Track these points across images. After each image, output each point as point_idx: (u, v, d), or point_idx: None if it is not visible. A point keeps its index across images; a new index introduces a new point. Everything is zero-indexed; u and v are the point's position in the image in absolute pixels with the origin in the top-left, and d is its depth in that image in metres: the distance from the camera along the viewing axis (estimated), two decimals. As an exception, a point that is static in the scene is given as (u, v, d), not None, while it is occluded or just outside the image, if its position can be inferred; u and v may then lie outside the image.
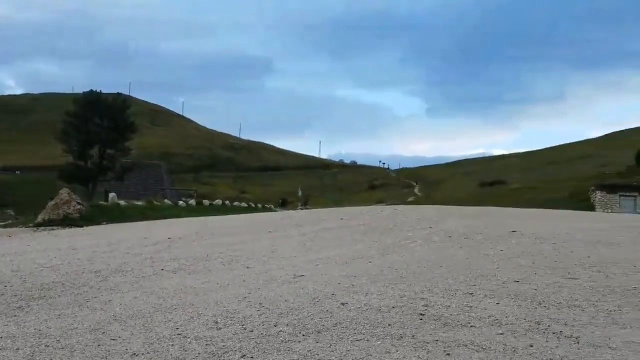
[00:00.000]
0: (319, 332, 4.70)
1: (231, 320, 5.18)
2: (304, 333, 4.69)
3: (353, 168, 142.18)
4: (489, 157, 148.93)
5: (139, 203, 28.61)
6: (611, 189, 48.79)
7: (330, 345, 4.36)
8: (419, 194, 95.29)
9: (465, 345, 4.19)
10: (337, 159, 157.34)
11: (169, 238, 12.38)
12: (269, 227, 14.05)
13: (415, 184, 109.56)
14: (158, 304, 6.09)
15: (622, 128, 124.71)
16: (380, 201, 69.35)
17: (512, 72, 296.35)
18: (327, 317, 5.13)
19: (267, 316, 5.26)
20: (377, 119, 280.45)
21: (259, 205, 41.45)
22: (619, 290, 6.03)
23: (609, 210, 43.55)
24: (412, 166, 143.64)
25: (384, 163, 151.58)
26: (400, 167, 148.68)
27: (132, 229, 16.32)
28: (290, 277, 7.31)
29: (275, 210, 36.44)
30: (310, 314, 5.26)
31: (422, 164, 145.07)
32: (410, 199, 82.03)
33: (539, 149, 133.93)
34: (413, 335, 4.48)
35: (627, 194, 47.80)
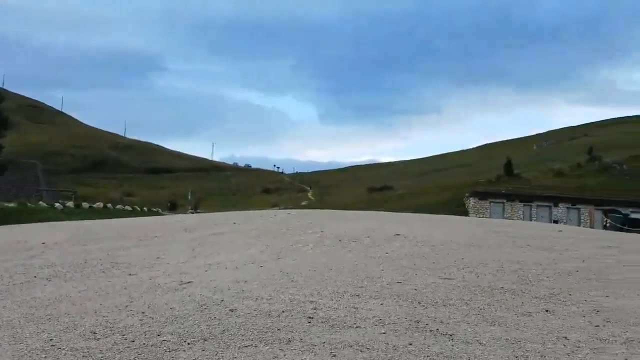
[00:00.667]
0: (205, 340, 4.59)
1: (111, 330, 4.88)
2: (189, 342, 4.54)
3: (247, 172, 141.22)
4: (379, 163, 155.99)
5: (12, 205, 26.06)
6: (483, 196, 53.33)
7: (217, 353, 4.27)
8: (312, 198, 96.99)
9: (351, 346, 4.32)
10: (230, 162, 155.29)
11: (43, 243, 11.41)
12: (155, 232, 13.47)
13: (309, 188, 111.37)
14: (30, 314, 5.58)
15: (495, 140, 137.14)
16: (274, 205, 69.54)
17: (402, 84, 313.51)
18: (215, 324, 5.02)
19: (150, 325, 5.02)
20: (271, 123, 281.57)
21: (145, 208, 39.60)
22: (488, 290, 6.59)
23: (481, 216, 47.52)
24: (307, 171, 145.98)
25: (278, 167, 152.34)
26: (295, 171, 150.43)
27: (2, 233, 14.82)
28: (176, 284, 7.06)
29: (163, 214, 35.06)
30: (196, 321, 5.11)
31: (316, 169, 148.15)
32: (304, 203, 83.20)
33: (423, 157, 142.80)
34: (301, 339, 4.53)
35: (497, 200, 52.53)
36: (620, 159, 71.58)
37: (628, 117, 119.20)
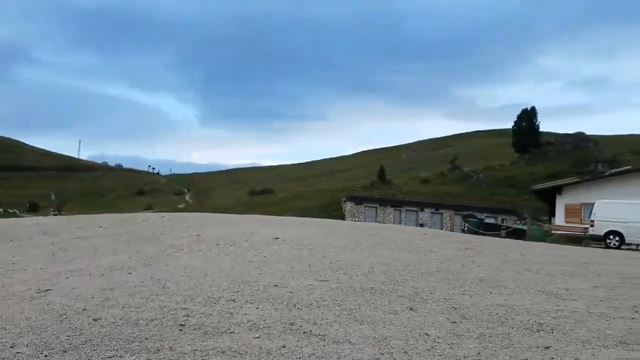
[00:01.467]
0: (65, 351, 4.22)
1: (-51, 348, 4.29)
2: (46, 353, 4.15)
3: (119, 172, 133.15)
4: (261, 167, 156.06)
5: None
6: (358, 200, 55.78)
7: (77, 366, 3.95)
8: (190, 201, 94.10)
9: (224, 352, 4.25)
10: (100, 161, 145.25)
11: None
12: (10, 235, 12.15)
13: (186, 191, 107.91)
14: None
15: (371, 148, 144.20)
16: (148, 208, 66.26)
17: (286, 90, 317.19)
18: (76, 334, 4.64)
19: (3, 336, 4.53)
20: (147, 122, 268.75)
21: (0, 210, 35.59)
22: (359, 291, 6.88)
23: (356, 219, 49.60)
24: (185, 173, 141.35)
25: (153, 168, 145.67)
26: (172, 173, 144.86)
27: None
28: (33, 291, 6.42)
29: (22, 216, 31.74)
30: (55, 332, 4.69)
31: (195, 171, 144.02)
32: (181, 206, 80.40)
33: (305, 162, 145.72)
34: (171, 347, 4.35)
35: (371, 205, 55.27)
36: (477, 169, 79.08)
37: (485, 130, 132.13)
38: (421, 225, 45.75)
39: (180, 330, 4.84)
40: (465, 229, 29.27)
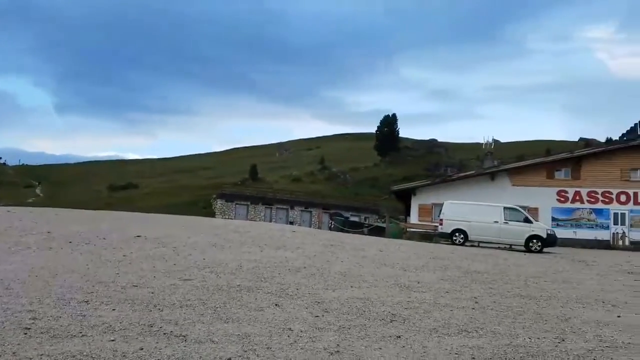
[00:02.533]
0: None
1: None
2: None
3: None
4: (123, 160, 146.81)
5: None
6: (229, 197, 55.11)
7: None
8: (41, 195, 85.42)
9: (74, 356, 3.94)
10: None
11: None
12: None
13: (37, 184, 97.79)
14: None
15: (240, 145, 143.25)
16: (-11, 201, 58.85)
17: (153, 82, 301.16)
18: None
19: None
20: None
21: None
22: (226, 288, 6.82)
23: (227, 217, 49.00)
24: (36, 164, 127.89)
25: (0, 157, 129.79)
26: (21, 163, 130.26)
27: None
28: None
29: None
30: None
31: (48, 162, 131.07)
32: (30, 200, 72.61)
33: (171, 156, 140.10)
34: (14, 352, 3.94)
35: (242, 202, 54.93)
36: (344, 169, 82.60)
37: (352, 133, 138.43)
38: (291, 223, 46.58)
39: (26, 334, 4.40)
40: (332, 226, 30.42)
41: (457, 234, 19.88)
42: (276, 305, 6.09)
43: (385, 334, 5.05)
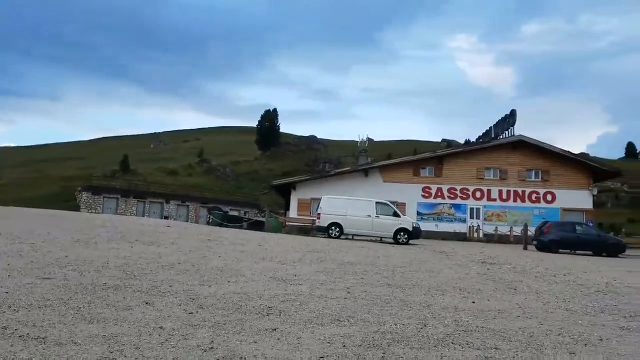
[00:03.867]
0: None
1: None
2: None
3: None
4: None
5: None
6: (96, 190, 51.44)
7: None
8: None
9: None
10: None
11: None
12: None
13: None
14: None
15: (112, 134, 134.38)
16: None
17: (7, 60, 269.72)
18: None
19: None
20: None
21: None
22: (90, 287, 6.37)
23: (94, 211, 45.70)
24: None
25: None
26: None
27: None
28: None
29: None
30: None
31: None
32: None
33: (31, 145, 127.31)
34: None
35: (111, 195, 51.59)
36: (224, 163, 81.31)
37: (232, 127, 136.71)
38: (166, 218, 44.77)
39: None
40: (210, 221, 29.79)
41: (333, 228, 20.58)
42: (146, 303, 5.83)
43: (261, 328, 5.07)
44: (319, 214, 21.35)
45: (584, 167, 30.46)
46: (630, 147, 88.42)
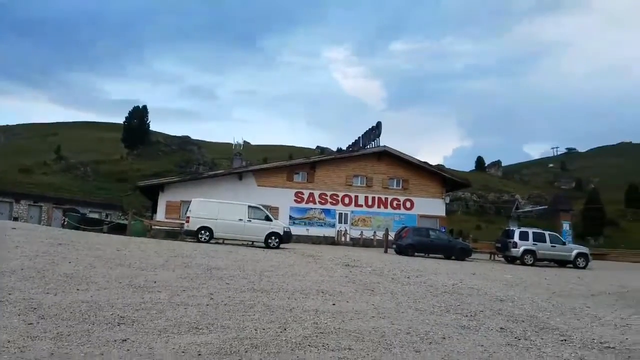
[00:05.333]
0: None
1: None
2: None
3: None
4: None
5: None
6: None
7: None
8: None
9: None
10: None
11: None
12: None
13: None
14: None
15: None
16: None
17: None
18: None
19: None
20: None
21: None
22: None
23: None
24: None
25: None
26: None
27: None
28: None
29: None
30: None
31: None
32: None
33: None
34: None
35: (5, 199, 45.37)
36: (85, 161, 75.38)
37: (95, 122, 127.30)
38: (15, 219, 40.24)
39: None
40: (66, 223, 27.35)
41: (202, 232, 20.05)
42: (-23, 315, 5.17)
43: (110, 338, 4.75)
44: (188, 217, 20.67)
45: (439, 177, 33.22)
46: (480, 160, 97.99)
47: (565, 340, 6.23)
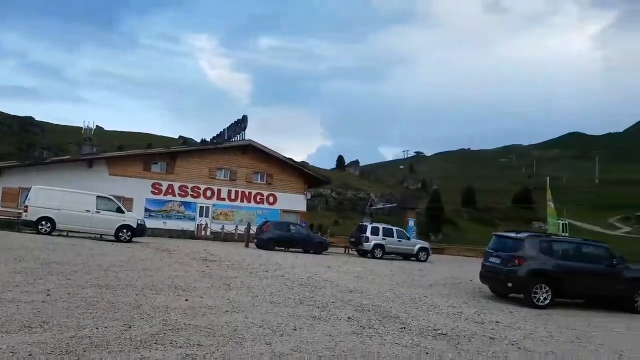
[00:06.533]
0: None
1: None
2: None
3: None
4: None
5: None
6: None
7: None
8: None
9: None
10: None
11: None
12: None
13: None
14: None
15: None
16: None
17: None
18: None
19: None
20: None
21: None
22: None
23: None
24: None
25: None
26: None
27: None
28: None
29: None
30: None
31: None
32: None
33: None
34: None
35: None
36: None
37: None
38: None
39: None
40: None
41: (43, 222, 18.21)
42: None
43: None
44: (26, 206, 18.63)
45: (302, 174, 34.02)
46: (340, 159, 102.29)
47: (404, 328, 6.76)
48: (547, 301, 10.45)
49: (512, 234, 11.78)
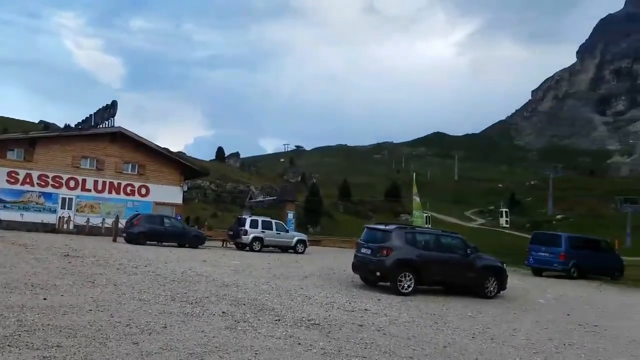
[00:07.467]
0: None
1: None
2: None
3: None
4: None
5: None
6: None
7: None
8: None
9: None
10: None
11: None
12: None
13: None
14: None
15: None
16: None
17: None
18: None
19: None
20: None
21: None
22: None
23: None
24: None
25: None
26: None
27: None
28: None
29: None
30: None
31: None
32: None
33: None
34: None
35: None
36: None
37: None
38: None
39: None
40: None
41: None
42: None
43: None
44: None
45: (178, 164, 32.75)
46: (220, 150, 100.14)
47: (279, 320, 6.87)
48: (411, 288, 11.25)
49: (381, 227, 12.48)
